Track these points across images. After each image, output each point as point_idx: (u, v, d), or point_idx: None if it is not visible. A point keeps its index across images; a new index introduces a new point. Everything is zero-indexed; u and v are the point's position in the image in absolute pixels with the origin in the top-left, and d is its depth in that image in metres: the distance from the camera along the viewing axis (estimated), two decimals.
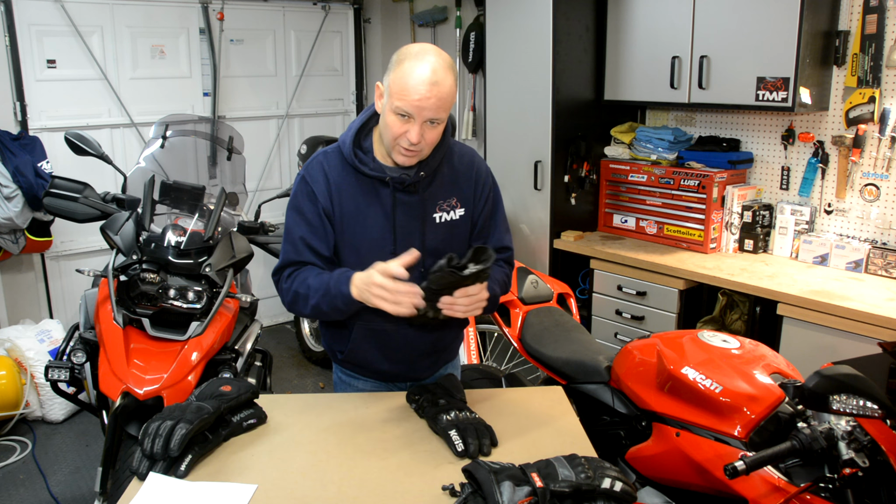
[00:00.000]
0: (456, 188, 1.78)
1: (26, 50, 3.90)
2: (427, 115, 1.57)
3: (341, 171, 1.72)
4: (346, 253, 1.74)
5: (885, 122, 2.89)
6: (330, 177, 1.71)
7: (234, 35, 4.66)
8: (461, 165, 1.79)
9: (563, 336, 2.43)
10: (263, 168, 4.91)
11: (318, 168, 1.73)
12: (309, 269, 1.71)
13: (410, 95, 1.55)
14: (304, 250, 1.72)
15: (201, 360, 2.33)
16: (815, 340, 2.65)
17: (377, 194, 1.71)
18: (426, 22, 4.92)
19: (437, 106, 1.57)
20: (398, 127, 1.60)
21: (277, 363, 4.36)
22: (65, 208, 2.65)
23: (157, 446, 1.42)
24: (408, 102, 1.56)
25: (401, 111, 1.57)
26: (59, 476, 3.24)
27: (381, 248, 1.71)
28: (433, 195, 1.74)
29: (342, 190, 1.71)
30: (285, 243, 1.75)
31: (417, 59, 1.57)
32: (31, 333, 3.72)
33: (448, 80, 1.58)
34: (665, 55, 3.33)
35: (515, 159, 3.85)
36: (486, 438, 1.53)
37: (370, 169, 1.70)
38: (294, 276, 1.71)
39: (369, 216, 1.71)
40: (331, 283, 1.64)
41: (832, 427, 1.46)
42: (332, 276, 1.66)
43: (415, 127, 1.58)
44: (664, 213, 3.49)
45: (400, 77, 1.57)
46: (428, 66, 1.56)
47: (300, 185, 1.75)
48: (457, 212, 1.78)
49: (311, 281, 1.67)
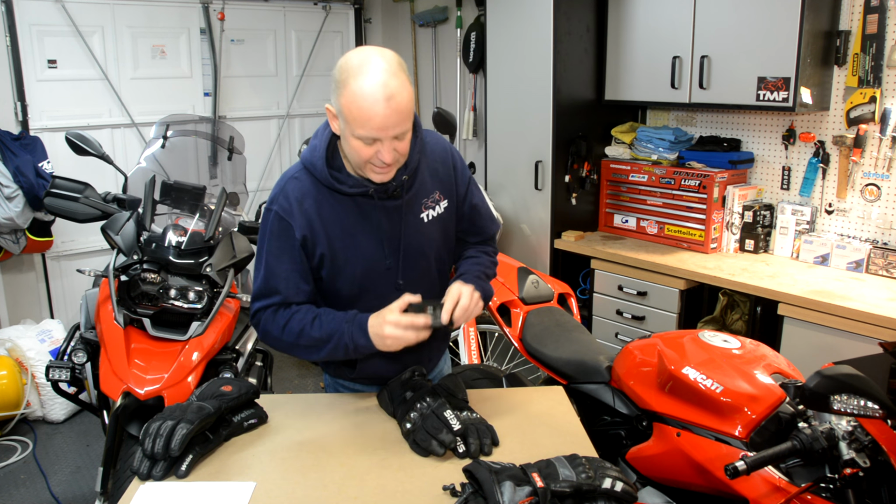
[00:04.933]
0: (437, 180, 1.72)
1: (27, 50, 3.90)
2: (392, 133, 1.47)
3: (317, 196, 1.60)
4: (342, 280, 1.66)
5: (886, 121, 2.89)
6: (306, 205, 1.60)
7: (235, 35, 4.66)
8: (436, 155, 1.72)
9: (563, 336, 2.43)
10: (264, 168, 4.91)
11: (291, 199, 1.60)
12: (295, 313, 1.62)
13: (370, 122, 1.44)
14: (291, 287, 1.62)
15: (202, 360, 2.34)
16: (816, 340, 2.65)
17: (362, 211, 1.62)
18: (427, 22, 4.92)
19: (399, 121, 1.46)
20: (366, 151, 1.49)
21: (278, 363, 4.36)
22: (65, 208, 2.65)
23: (157, 446, 1.42)
24: (369, 130, 1.45)
25: (364, 139, 1.47)
26: (60, 476, 3.24)
27: (378, 264, 1.66)
28: (417, 195, 1.68)
29: (323, 216, 1.60)
30: (265, 280, 1.63)
31: (362, 75, 1.43)
32: (32, 333, 3.73)
33: (402, 87, 1.45)
34: (666, 55, 3.33)
35: (516, 159, 3.85)
36: (487, 438, 1.52)
37: (350, 186, 1.59)
38: (285, 322, 1.62)
39: (358, 235, 1.63)
40: (346, 341, 1.57)
41: (833, 427, 1.46)
42: (339, 328, 1.58)
43: (384, 147, 1.48)
44: (665, 213, 3.49)
45: (351, 102, 1.44)
46: (376, 80, 1.42)
47: (274, 223, 1.61)
48: (441, 205, 1.72)
49: (314, 333, 1.59)
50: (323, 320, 1.60)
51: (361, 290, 1.68)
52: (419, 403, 1.58)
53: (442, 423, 1.51)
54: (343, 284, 1.67)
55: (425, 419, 1.53)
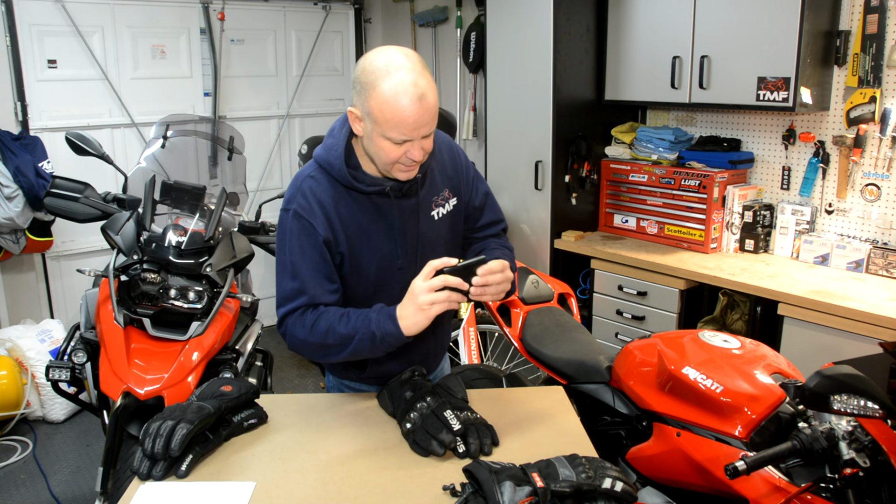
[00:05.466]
0: (445, 179, 1.74)
1: (27, 50, 3.90)
2: (424, 132, 1.49)
3: (334, 194, 1.61)
4: (355, 278, 1.66)
5: (886, 121, 2.89)
6: (325, 204, 1.60)
7: (235, 35, 4.66)
8: (443, 153, 1.75)
9: (563, 336, 2.43)
10: (264, 168, 4.91)
11: (310, 198, 1.60)
12: (322, 313, 1.59)
13: (403, 123, 1.45)
14: (317, 285, 1.60)
15: (202, 360, 2.33)
16: (816, 340, 2.65)
17: (378, 209, 1.64)
18: (427, 22, 4.92)
19: (429, 119, 1.49)
20: (395, 151, 1.51)
21: (278, 363, 4.36)
22: (66, 208, 2.65)
23: (157, 446, 1.42)
24: (402, 130, 1.46)
25: (397, 140, 1.48)
26: (60, 476, 3.24)
27: (390, 262, 1.67)
28: (429, 193, 1.71)
29: (342, 215, 1.61)
30: (291, 281, 1.59)
31: (391, 76, 1.44)
32: (32, 333, 3.73)
33: (429, 85, 1.48)
34: (666, 55, 3.33)
35: (516, 159, 3.85)
36: (487, 438, 1.52)
37: (367, 185, 1.61)
38: (312, 323, 1.58)
39: (374, 234, 1.64)
40: (374, 328, 1.53)
41: (833, 427, 1.46)
42: (366, 319, 1.54)
43: (415, 147, 1.50)
44: (665, 213, 3.49)
45: (383, 104, 1.44)
46: (406, 80, 1.44)
47: (294, 223, 1.60)
48: (450, 203, 1.75)
49: (340, 329, 1.55)
50: (350, 317, 1.57)
51: (376, 289, 1.68)
52: (419, 403, 1.58)
53: (442, 423, 1.51)
54: (358, 283, 1.67)
55: (425, 419, 1.53)
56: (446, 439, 1.48)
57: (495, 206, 1.88)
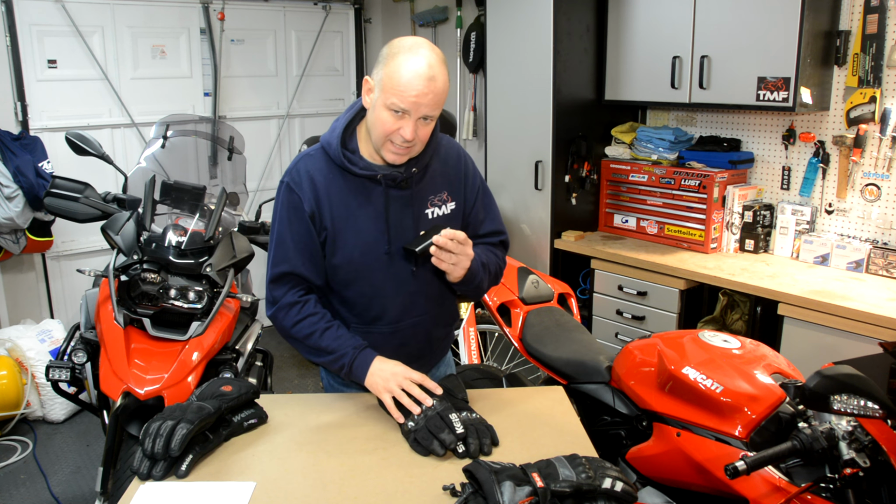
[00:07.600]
0: (446, 182, 1.76)
1: (27, 50, 3.90)
2: (423, 112, 1.54)
3: (328, 174, 1.67)
4: (339, 258, 1.70)
5: (886, 121, 2.89)
6: (316, 180, 1.66)
7: (235, 35, 4.66)
8: (449, 159, 1.78)
9: (563, 336, 2.43)
10: (264, 168, 4.91)
11: (303, 173, 1.67)
12: (309, 316, 1.68)
13: (406, 91, 1.51)
14: (299, 255, 1.68)
15: (202, 360, 2.33)
16: (816, 340, 2.65)
17: (368, 194, 1.67)
18: (427, 22, 4.92)
19: (432, 102, 1.54)
20: (391, 123, 1.55)
21: (278, 363, 4.36)
22: (66, 208, 2.65)
23: (157, 446, 1.42)
24: (403, 99, 1.52)
25: (395, 107, 1.53)
26: (60, 476, 3.24)
27: (375, 250, 1.69)
28: (424, 190, 1.72)
29: (331, 193, 1.66)
30: (276, 248, 1.69)
31: (412, 53, 1.52)
32: (32, 333, 3.73)
33: (443, 75, 1.56)
34: (666, 55, 3.33)
35: (516, 159, 3.85)
36: (486, 438, 1.53)
37: (360, 168, 1.65)
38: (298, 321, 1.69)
39: (360, 217, 1.67)
40: (346, 362, 1.66)
41: (833, 427, 1.46)
42: (347, 348, 1.66)
43: (409, 123, 1.55)
44: (665, 213, 3.49)
45: (394, 72, 1.52)
46: (423, 60, 1.52)
47: (285, 194, 1.69)
48: (448, 206, 1.76)
49: (321, 342, 1.67)
50: (334, 334, 1.67)
51: (357, 274, 1.71)
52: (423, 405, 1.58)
53: (445, 423, 1.51)
54: (340, 263, 1.70)
55: (429, 420, 1.53)
56: (447, 439, 1.48)
57: (497, 218, 1.89)
